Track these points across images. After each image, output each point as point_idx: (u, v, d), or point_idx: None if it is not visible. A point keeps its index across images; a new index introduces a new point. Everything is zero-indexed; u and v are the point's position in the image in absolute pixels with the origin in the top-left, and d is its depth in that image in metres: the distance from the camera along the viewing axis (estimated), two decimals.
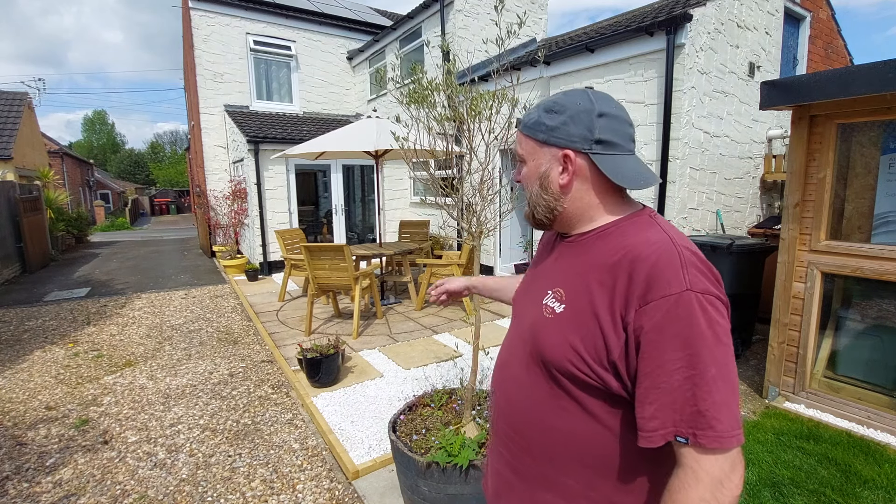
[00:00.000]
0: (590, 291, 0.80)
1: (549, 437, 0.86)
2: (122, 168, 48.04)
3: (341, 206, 8.81)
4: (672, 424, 0.70)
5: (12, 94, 12.20)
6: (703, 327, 0.70)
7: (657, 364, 0.71)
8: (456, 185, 2.30)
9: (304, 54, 10.73)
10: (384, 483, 2.50)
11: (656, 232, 0.81)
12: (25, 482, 2.58)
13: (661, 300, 0.71)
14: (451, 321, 5.23)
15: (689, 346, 0.69)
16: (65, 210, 13.16)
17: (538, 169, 0.90)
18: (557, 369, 0.82)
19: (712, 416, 0.68)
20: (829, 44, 6.84)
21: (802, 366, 3.25)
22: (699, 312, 0.70)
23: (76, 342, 4.89)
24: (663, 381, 0.70)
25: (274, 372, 4.04)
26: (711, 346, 0.70)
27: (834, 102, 2.89)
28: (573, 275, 0.86)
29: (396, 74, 8.44)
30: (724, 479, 0.69)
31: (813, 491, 2.32)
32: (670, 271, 0.73)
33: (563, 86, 5.64)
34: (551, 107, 0.88)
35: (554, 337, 0.83)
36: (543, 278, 0.95)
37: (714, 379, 0.69)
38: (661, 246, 0.76)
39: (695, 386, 0.69)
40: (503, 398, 0.97)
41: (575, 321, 0.81)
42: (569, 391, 0.83)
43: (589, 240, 0.88)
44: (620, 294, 0.76)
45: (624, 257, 0.78)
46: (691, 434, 0.69)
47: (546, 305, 0.87)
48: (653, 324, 0.71)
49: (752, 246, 4.10)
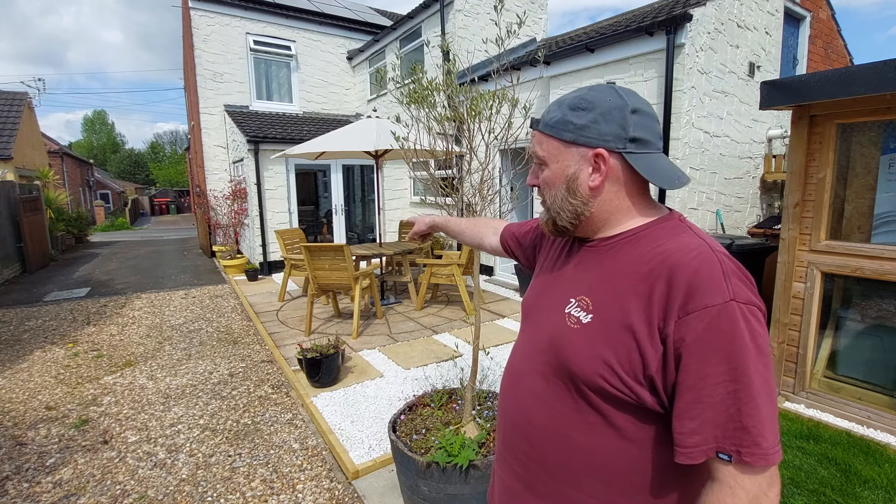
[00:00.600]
0: (622, 301, 0.75)
1: (570, 454, 0.81)
2: (122, 168, 48.04)
3: (341, 206, 8.81)
4: (714, 441, 0.67)
5: (12, 94, 12.20)
6: (746, 339, 0.66)
7: (699, 377, 0.67)
8: (456, 185, 2.30)
9: (304, 54, 10.73)
10: (384, 483, 2.50)
11: (692, 237, 0.77)
12: (25, 482, 2.58)
13: (703, 311, 0.67)
14: (451, 321, 5.23)
15: (734, 359, 0.66)
16: (65, 210, 13.16)
17: (565, 171, 0.83)
18: (586, 384, 0.77)
19: (758, 432, 0.65)
20: (829, 44, 6.84)
21: (802, 366, 3.25)
22: (743, 324, 0.67)
23: (76, 342, 4.89)
24: (706, 395, 0.67)
25: (274, 372, 4.04)
26: (755, 359, 0.67)
27: (834, 102, 2.89)
28: (600, 282, 0.81)
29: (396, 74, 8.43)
30: (761, 496, 0.66)
31: (813, 491, 2.32)
32: (713, 281, 0.69)
33: (563, 86, 5.64)
34: (578, 104, 0.81)
35: (582, 350, 0.78)
36: (563, 285, 0.89)
37: (759, 393, 0.66)
38: (701, 253, 0.72)
39: (739, 401, 0.65)
40: (518, 411, 0.91)
41: (606, 333, 0.76)
42: (596, 406, 0.78)
43: (616, 244, 0.82)
44: (658, 304, 0.71)
45: (661, 264, 0.73)
46: (735, 451, 0.66)
47: (570, 315, 0.82)
48: (695, 336, 0.67)
49: (752, 246, 4.10)
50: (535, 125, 0.88)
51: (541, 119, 0.87)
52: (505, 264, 7.36)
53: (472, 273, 2.57)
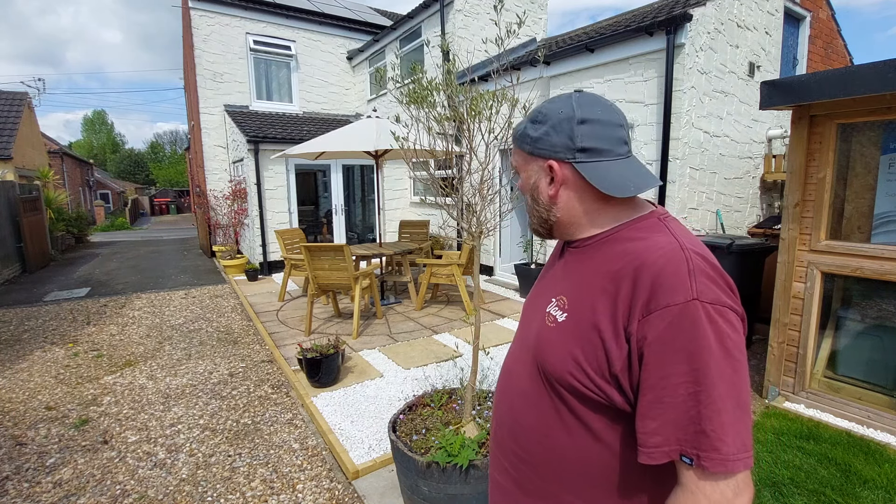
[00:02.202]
0: (592, 300, 0.77)
1: (552, 454, 0.83)
2: (122, 168, 48.02)
3: (341, 206, 8.81)
4: (676, 443, 0.67)
5: (12, 94, 12.20)
6: (710, 340, 0.66)
7: (660, 377, 0.67)
8: (456, 185, 2.30)
9: (304, 54, 10.73)
10: (384, 483, 2.50)
11: (664, 235, 0.77)
12: (25, 482, 2.58)
13: (664, 310, 0.67)
14: (451, 321, 5.23)
15: (695, 360, 0.65)
16: (65, 210, 13.16)
17: (528, 181, 0.88)
18: (559, 382, 0.79)
19: (717, 437, 0.64)
20: (829, 44, 6.84)
21: (802, 366, 3.25)
22: (706, 324, 0.66)
23: (76, 342, 4.88)
24: (667, 395, 0.67)
25: (274, 372, 4.04)
26: (720, 361, 0.65)
27: (834, 102, 2.89)
28: (576, 282, 0.83)
29: (396, 74, 8.44)
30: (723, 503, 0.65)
31: (813, 491, 2.32)
32: (676, 279, 0.68)
33: (563, 86, 5.64)
34: (535, 117, 0.86)
35: (555, 347, 0.80)
36: (550, 285, 0.92)
37: (722, 397, 0.64)
38: (669, 251, 0.72)
39: (699, 403, 0.65)
40: (507, 410, 0.93)
41: (576, 331, 0.77)
42: (570, 406, 0.79)
43: (593, 246, 0.85)
44: (623, 303, 0.72)
45: (628, 264, 0.74)
46: (695, 455, 0.65)
47: (549, 314, 0.85)
48: (656, 335, 0.67)
49: (752, 246, 4.10)
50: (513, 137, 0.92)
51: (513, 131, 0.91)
52: (505, 264, 7.36)
53: (472, 273, 2.57)
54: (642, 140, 4.81)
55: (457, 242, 7.88)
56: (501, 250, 7.45)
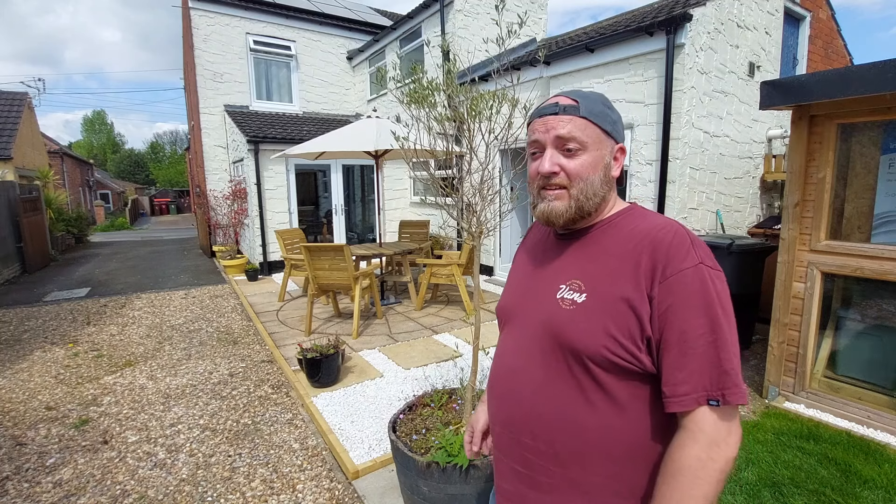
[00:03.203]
0: (613, 277, 0.84)
1: (574, 437, 0.85)
2: (122, 168, 48.01)
3: (341, 206, 8.82)
4: (703, 389, 0.75)
5: (12, 94, 12.20)
6: (714, 296, 0.78)
7: (682, 331, 0.77)
8: (456, 185, 2.30)
9: (304, 54, 10.73)
10: (384, 483, 2.50)
11: (658, 218, 0.89)
12: (25, 482, 2.58)
13: (679, 274, 0.78)
14: (451, 321, 5.23)
15: (710, 313, 0.77)
16: (65, 210, 13.16)
17: (603, 158, 0.90)
18: (591, 358, 0.83)
19: (736, 374, 0.76)
20: (829, 44, 6.85)
21: (802, 366, 3.25)
22: (711, 284, 0.78)
23: (76, 342, 4.89)
24: (690, 347, 0.76)
25: (274, 372, 4.04)
26: (726, 313, 0.78)
27: (834, 102, 2.89)
28: (588, 264, 0.89)
29: (396, 74, 8.44)
30: (720, 440, 0.75)
31: (813, 491, 2.32)
32: (683, 248, 0.80)
33: (563, 86, 5.64)
34: (608, 102, 0.93)
35: (584, 327, 0.83)
36: (548, 277, 0.94)
37: (732, 343, 0.77)
38: (673, 228, 0.84)
39: (718, 349, 0.76)
40: (519, 408, 0.93)
41: (603, 307, 0.83)
42: (598, 380, 0.83)
43: (597, 232, 0.92)
44: (645, 274, 0.81)
45: (642, 240, 0.84)
46: (720, 395, 0.75)
47: (563, 299, 0.88)
48: (675, 296, 0.78)
49: (752, 246, 4.10)
50: (571, 110, 0.89)
51: (579, 106, 0.89)
52: (505, 264, 7.36)
53: (472, 273, 2.57)
54: (642, 140, 4.81)
55: (457, 242, 7.88)
56: (501, 250, 7.45)
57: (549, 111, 0.90)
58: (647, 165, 4.79)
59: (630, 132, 4.95)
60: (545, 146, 0.90)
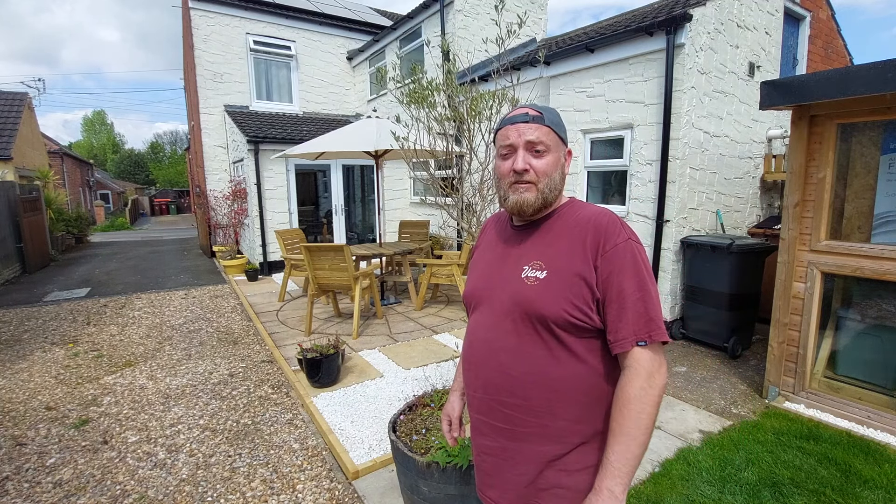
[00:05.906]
0: (566, 255, 1.05)
1: (545, 388, 1.04)
2: (122, 168, 47.96)
3: (341, 206, 8.81)
4: (634, 334, 0.98)
5: (12, 94, 12.20)
6: (640, 262, 1.02)
7: (619, 291, 1.00)
8: (456, 185, 2.30)
9: (304, 54, 10.72)
10: (384, 483, 2.50)
11: (594, 207, 1.13)
12: (25, 482, 2.58)
13: (615, 248, 1.02)
14: (451, 321, 5.23)
15: (637, 275, 1.00)
16: (65, 210, 13.15)
17: (559, 160, 1.11)
18: (555, 322, 1.02)
19: (659, 318, 1.00)
20: (829, 44, 6.84)
21: (802, 366, 3.25)
22: (636, 252, 1.03)
23: (76, 342, 4.88)
24: (626, 302, 0.99)
25: (274, 372, 4.04)
26: (650, 274, 1.03)
27: (834, 102, 2.89)
28: (545, 248, 1.09)
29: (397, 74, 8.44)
30: (654, 372, 0.98)
31: (813, 491, 2.32)
32: (614, 227, 1.04)
33: (563, 86, 5.64)
34: (559, 114, 1.14)
35: (548, 297, 1.03)
36: (512, 261, 1.13)
37: (655, 296, 1.02)
38: (606, 214, 1.07)
39: (646, 302, 1.00)
40: (496, 371, 1.10)
41: (561, 280, 1.03)
42: (561, 339, 1.03)
43: (549, 221, 1.13)
44: (591, 249, 1.03)
45: (586, 225, 1.06)
46: (647, 336, 0.98)
47: (528, 277, 1.07)
48: (613, 264, 1.01)
49: (752, 246, 4.10)
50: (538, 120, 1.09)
51: (543, 116, 1.10)
52: None
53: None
54: (642, 140, 4.81)
55: (457, 242, 7.88)
56: None
57: (520, 119, 1.09)
58: (647, 165, 4.79)
59: (630, 132, 4.95)
60: (517, 148, 1.08)
